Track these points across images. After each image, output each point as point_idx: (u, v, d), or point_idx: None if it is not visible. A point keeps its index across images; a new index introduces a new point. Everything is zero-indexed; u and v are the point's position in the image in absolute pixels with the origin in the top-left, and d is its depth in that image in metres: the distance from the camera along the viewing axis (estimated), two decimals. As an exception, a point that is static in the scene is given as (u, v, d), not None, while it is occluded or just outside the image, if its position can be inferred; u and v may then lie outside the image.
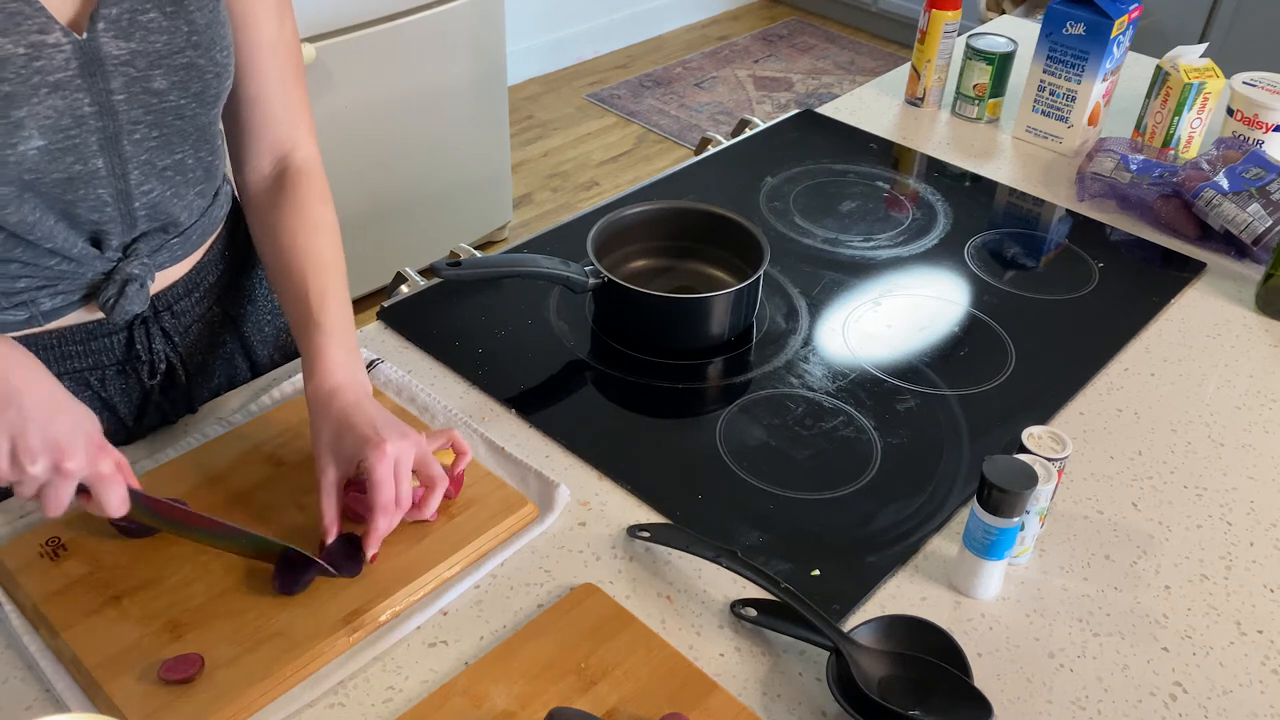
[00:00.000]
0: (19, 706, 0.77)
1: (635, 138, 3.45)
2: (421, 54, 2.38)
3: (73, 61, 0.77)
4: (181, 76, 0.84)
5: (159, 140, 0.86)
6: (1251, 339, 1.19)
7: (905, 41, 4.04)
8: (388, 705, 0.78)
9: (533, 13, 3.62)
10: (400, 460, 0.83)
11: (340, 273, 0.94)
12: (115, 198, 0.85)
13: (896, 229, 1.36)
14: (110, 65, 0.80)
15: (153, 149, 0.86)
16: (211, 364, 1.05)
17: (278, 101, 0.95)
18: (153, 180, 0.87)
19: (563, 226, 1.34)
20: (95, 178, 0.83)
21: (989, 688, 0.79)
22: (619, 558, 0.90)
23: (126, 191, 0.86)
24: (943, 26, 1.57)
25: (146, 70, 0.82)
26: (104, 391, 0.96)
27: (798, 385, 1.09)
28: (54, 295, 0.88)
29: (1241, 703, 0.81)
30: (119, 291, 0.89)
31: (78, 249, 0.86)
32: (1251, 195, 1.29)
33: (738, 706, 0.77)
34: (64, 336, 0.91)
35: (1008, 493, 0.81)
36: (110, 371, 0.96)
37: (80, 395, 0.94)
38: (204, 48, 0.85)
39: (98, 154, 0.82)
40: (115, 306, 0.89)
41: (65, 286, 0.89)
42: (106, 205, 0.85)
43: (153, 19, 0.81)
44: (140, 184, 0.87)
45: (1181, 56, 1.45)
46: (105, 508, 0.79)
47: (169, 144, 0.87)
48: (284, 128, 0.97)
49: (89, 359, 0.94)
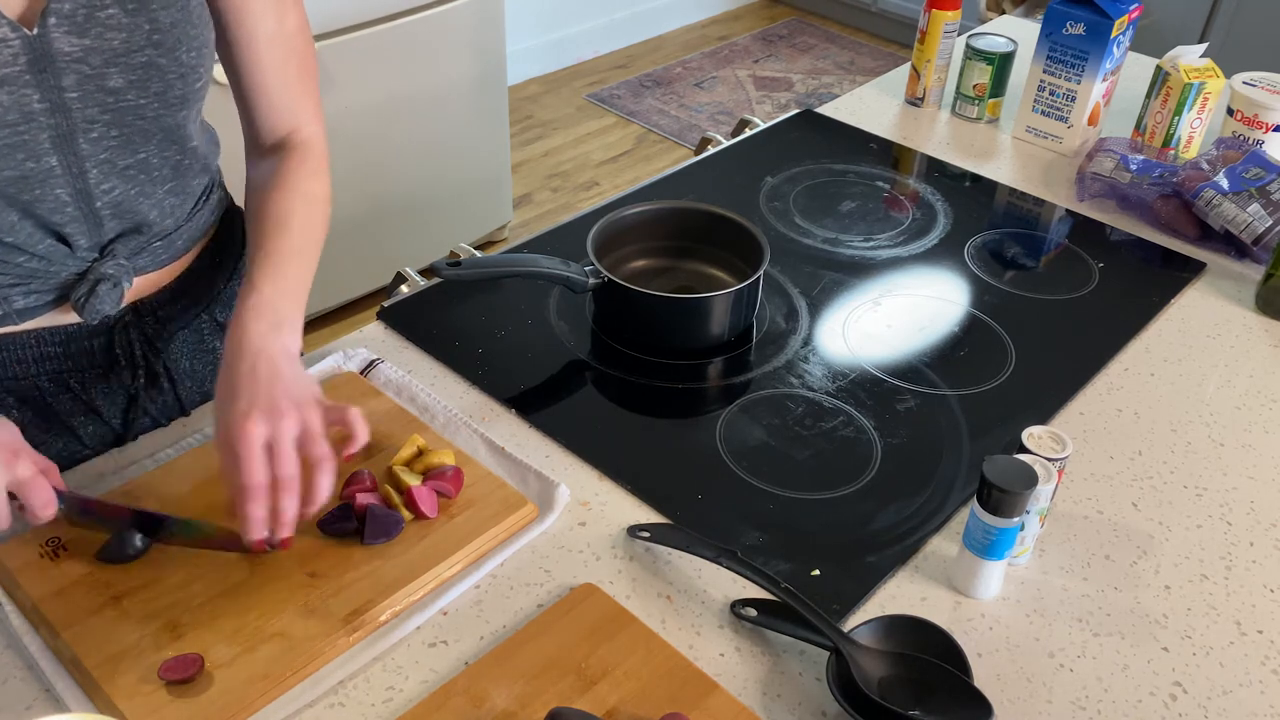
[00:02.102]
0: (19, 706, 0.77)
1: (635, 138, 3.45)
2: (421, 54, 2.38)
3: (21, 57, 0.75)
4: (140, 76, 0.81)
5: (119, 139, 0.84)
6: (1251, 339, 1.19)
7: (905, 41, 4.04)
8: (388, 705, 0.78)
9: (533, 13, 3.62)
10: (278, 439, 0.78)
11: (307, 238, 0.91)
12: (75, 197, 0.84)
13: (896, 229, 1.36)
14: (62, 62, 0.77)
15: (112, 148, 0.84)
16: (202, 369, 1.04)
17: (277, 95, 0.95)
18: (113, 179, 0.85)
19: (563, 226, 1.34)
20: (50, 176, 0.81)
21: (989, 688, 0.79)
22: (619, 558, 0.90)
23: (86, 190, 0.84)
24: (943, 26, 1.57)
25: (101, 68, 0.79)
26: (85, 395, 0.95)
27: (798, 385, 1.09)
28: (27, 294, 0.87)
29: (1241, 703, 0.81)
30: (90, 290, 0.88)
31: (44, 246, 0.85)
32: (1251, 195, 1.29)
33: (738, 706, 0.77)
34: (42, 338, 0.91)
35: (1008, 493, 0.81)
36: (91, 375, 0.95)
37: (61, 398, 0.94)
38: (166, 47, 0.82)
39: (50, 152, 0.80)
40: (86, 305, 0.88)
41: (38, 285, 0.88)
42: (66, 205, 0.83)
43: (112, 15, 0.78)
44: (100, 183, 0.85)
45: (1181, 56, 1.45)
46: (31, 511, 0.78)
47: (130, 143, 0.85)
48: (285, 113, 0.96)
49: (68, 361, 0.93)
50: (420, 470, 0.93)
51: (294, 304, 0.86)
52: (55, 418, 0.94)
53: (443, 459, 0.93)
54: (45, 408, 0.94)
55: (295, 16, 0.95)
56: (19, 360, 0.90)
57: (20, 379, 0.91)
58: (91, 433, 0.97)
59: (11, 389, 0.91)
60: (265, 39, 0.92)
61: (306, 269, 0.89)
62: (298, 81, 0.96)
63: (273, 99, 0.95)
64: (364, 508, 0.87)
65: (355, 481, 0.91)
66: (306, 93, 0.97)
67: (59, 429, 0.95)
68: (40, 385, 0.92)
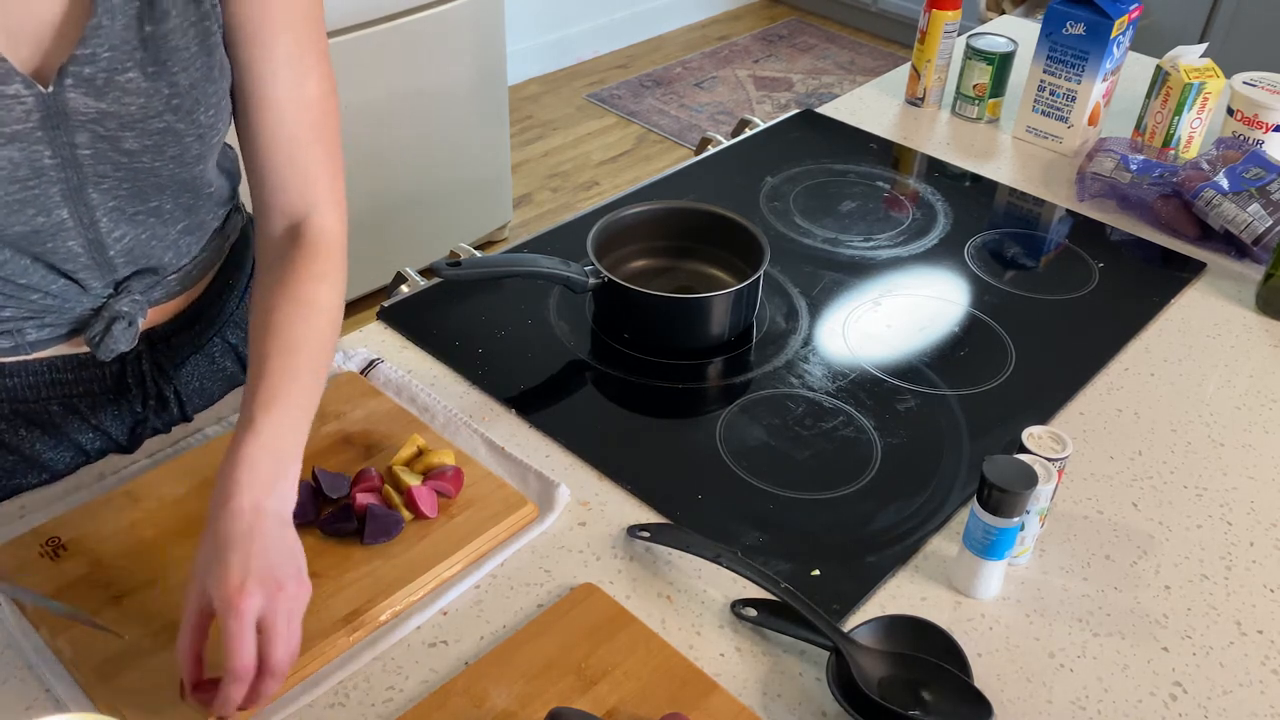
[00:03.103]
0: (19, 706, 0.77)
1: (635, 138, 3.45)
2: (421, 54, 2.38)
3: (34, 114, 0.73)
4: (156, 140, 0.79)
5: (130, 190, 0.81)
6: (1251, 339, 1.19)
7: (905, 41, 4.04)
8: (388, 705, 0.78)
9: (533, 13, 3.62)
10: (272, 616, 0.69)
11: (309, 356, 0.80)
12: (87, 248, 0.81)
13: (896, 229, 1.36)
14: (76, 120, 0.75)
15: (123, 197, 0.81)
16: (212, 387, 1.03)
17: (285, 172, 0.85)
18: (124, 225, 0.83)
19: (563, 226, 1.34)
20: (62, 229, 0.79)
21: (989, 688, 0.79)
22: (619, 558, 0.90)
23: (99, 240, 0.82)
24: (943, 26, 1.57)
25: (117, 131, 0.77)
26: (94, 418, 0.95)
27: (798, 385, 1.09)
28: (40, 327, 0.86)
29: (1241, 703, 0.81)
30: (105, 329, 0.86)
31: (57, 286, 0.83)
32: (1251, 195, 1.29)
33: (738, 706, 0.77)
34: (54, 365, 0.90)
35: (1008, 493, 0.81)
36: (101, 400, 0.94)
37: (70, 421, 0.93)
38: (184, 111, 0.79)
39: (61, 205, 0.77)
40: (101, 344, 0.86)
41: (52, 320, 0.86)
42: (79, 255, 0.81)
43: (131, 79, 0.75)
44: (111, 230, 0.82)
45: (1181, 56, 1.45)
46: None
47: (142, 194, 0.82)
48: (293, 193, 0.86)
49: (79, 386, 0.92)
50: (420, 470, 0.93)
51: (294, 443, 0.76)
52: (63, 436, 0.94)
53: (443, 459, 0.93)
54: (54, 428, 0.93)
55: (317, 83, 0.84)
56: (31, 386, 0.89)
57: (32, 402, 0.90)
58: (98, 449, 0.97)
59: (22, 411, 0.91)
60: (276, 104, 0.83)
61: (308, 394, 0.79)
62: (311, 160, 0.85)
63: (281, 176, 0.85)
64: (364, 508, 0.87)
65: (363, 480, 0.90)
66: (322, 174, 0.86)
67: (66, 444, 0.95)
68: (50, 409, 0.92)
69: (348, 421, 0.99)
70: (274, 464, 0.74)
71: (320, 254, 0.85)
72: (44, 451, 0.93)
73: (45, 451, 0.93)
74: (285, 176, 0.85)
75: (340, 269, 0.86)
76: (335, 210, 0.88)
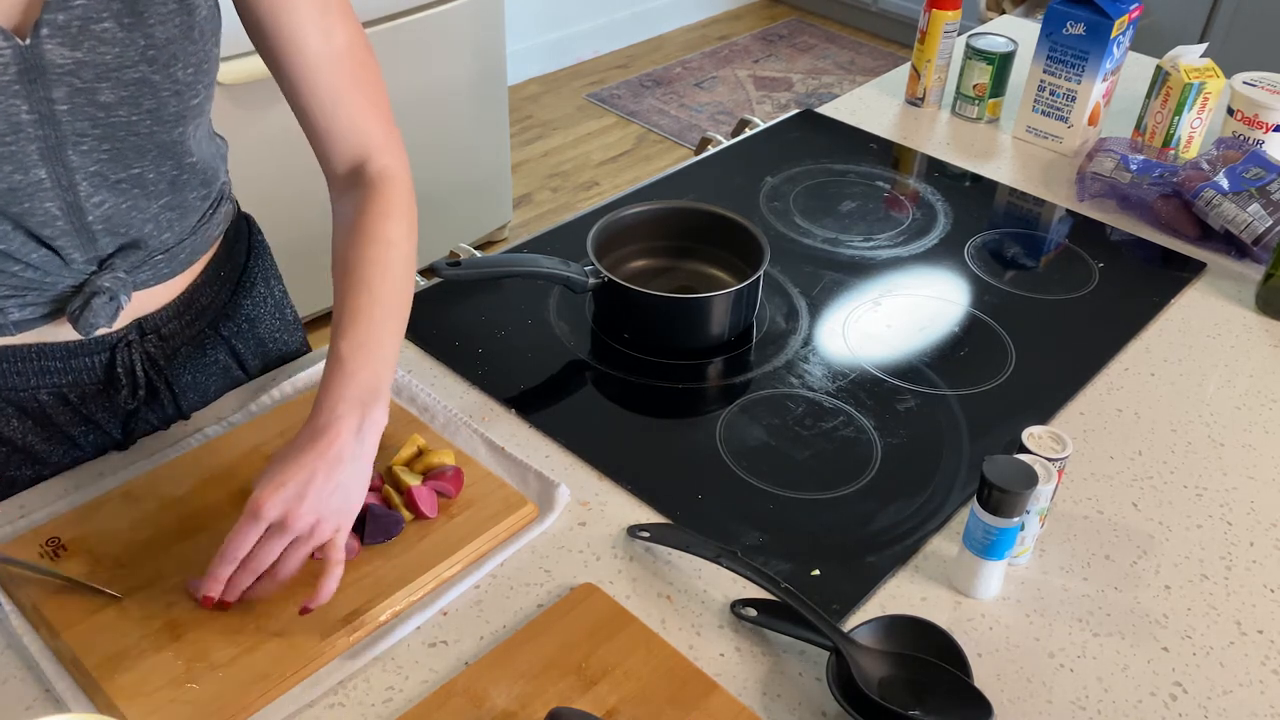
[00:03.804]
0: (19, 706, 0.77)
1: (635, 138, 3.45)
2: (421, 54, 2.38)
3: (11, 67, 0.73)
4: (132, 92, 0.79)
5: (110, 153, 0.81)
6: (1251, 339, 1.19)
7: (905, 41, 4.04)
8: (388, 705, 0.78)
9: (533, 13, 3.62)
10: (277, 533, 0.77)
11: (387, 289, 0.86)
12: (65, 211, 0.81)
13: (896, 229, 1.36)
14: (53, 74, 0.75)
15: (103, 161, 0.81)
16: (205, 381, 1.03)
17: (334, 120, 0.90)
18: (104, 192, 0.83)
19: (563, 226, 1.34)
20: (39, 189, 0.79)
21: (989, 688, 0.79)
22: (619, 558, 0.90)
23: (77, 204, 0.82)
24: (943, 26, 1.57)
25: (93, 82, 0.77)
26: (84, 409, 0.94)
27: (798, 385, 1.09)
28: (22, 305, 0.86)
29: (1241, 703, 0.81)
30: (84, 304, 0.86)
31: (37, 257, 0.83)
32: (1251, 195, 1.29)
33: (738, 706, 0.77)
34: (43, 352, 0.89)
35: (1008, 493, 0.81)
36: (90, 390, 0.94)
37: (60, 411, 0.93)
38: (161, 64, 0.79)
39: (39, 164, 0.78)
40: (80, 319, 0.86)
41: (33, 297, 0.86)
42: (57, 219, 0.81)
43: (106, 29, 0.76)
44: (90, 195, 0.82)
45: (1181, 56, 1.45)
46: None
47: (122, 157, 0.82)
48: (346, 142, 0.91)
49: (68, 376, 0.91)
50: (420, 470, 0.93)
51: (382, 372, 0.82)
52: (55, 428, 0.94)
53: (443, 459, 0.93)
54: (45, 418, 0.93)
55: (344, 32, 0.89)
56: (19, 373, 0.89)
57: (20, 390, 0.90)
58: (91, 441, 0.97)
59: (12, 400, 0.90)
60: (312, 61, 0.87)
61: (391, 325, 0.85)
62: (355, 104, 0.90)
63: (331, 126, 0.90)
64: (364, 507, 0.87)
65: None
66: (370, 116, 0.91)
67: (59, 438, 0.95)
68: (39, 399, 0.91)
69: (348, 421, 0.99)
70: (359, 389, 0.80)
71: (383, 193, 0.90)
72: (36, 443, 0.93)
73: (37, 444, 0.93)
74: (334, 128, 0.90)
75: (405, 205, 0.91)
76: (391, 151, 0.92)
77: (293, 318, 1.13)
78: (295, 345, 1.13)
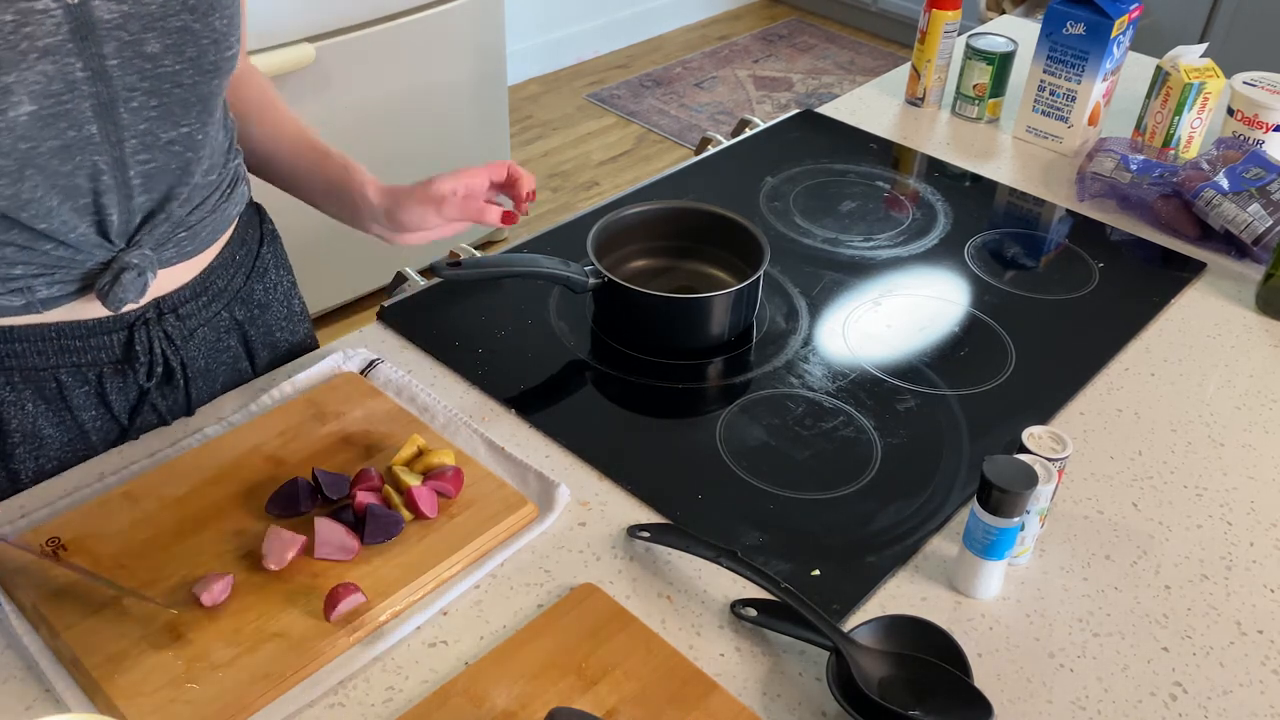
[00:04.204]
0: (19, 706, 0.77)
1: (635, 138, 3.45)
2: (421, 54, 2.38)
3: (63, 26, 0.76)
4: (175, 40, 0.83)
5: (159, 110, 0.85)
6: (1251, 339, 1.19)
7: (905, 41, 4.04)
8: (388, 705, 0.78)
9: (533, 13, 3.62)
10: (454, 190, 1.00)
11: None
12: (110, 166, 0.85)
13: (896, 229, 1.36)
14: (102, 30, 0.78)
15: (152, 119, 0.85)
16: (215, 369, 1.05)
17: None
18: (147, 151, 0.87)
19: (563, 226, 1.34)
20: (89, 144, 0.82)
21: (989, 688, 0.79)
22: (619, 558, 0.90)
23: (122, 160, 0.85)
24: (943, 26, 1.57)
25: (140, 34, 0.80)
26: (100, 388, 0.96)
27: (798, 385, 1.09)
28: (51, 284, 0.88)
29: (1242, 703, 0.81)
30: (114, 279, 0.89)
31: (76, 234, 0.86)
32: (1251, 195, 1.29)
33: (738, 706, 0.77)
34: (63, 330, 0.91)
35: (1008, 493, 0.81)
36: (108, 369, 0.96)
37: (77, 390, 0.94)
38: (200, 12, 0.84)
39: (91, 120, 0.81)
40: (110, 294, 0.89)
41: (62, 276, 0.88)
42: (103, 174, 0.84)
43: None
44: (136, 153, 0.86)
45: (1181, 56, 1.45)
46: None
47: (170, 114, 0.86)
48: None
49: (88, 355, 0.94)
50: (420, 470, 0.93)
51: None
52: (68, 411, 0.95)
53: (443, 459, 0.93)
54: (61, 400, 0.94)
55: None
56: (39, 352, 0.91)
57: (41, 369, 0.92)
58: (98, 427, 0.98)
59: (31, 379, 0.92)
60: None
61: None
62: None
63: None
64: (364, 507, 0.87)
65: (363, 480, 0.90)
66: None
67: (67, 423, 0.95)
68: (59, 378, 0.93)
69: (348, 421, 0.99)
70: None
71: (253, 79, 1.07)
72: (45, 430, 0.94)
73: (46, 427, 0.94)
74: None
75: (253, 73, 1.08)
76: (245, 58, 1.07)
77: (301, 310, 1.15)
78: (302, 336, 1.15)
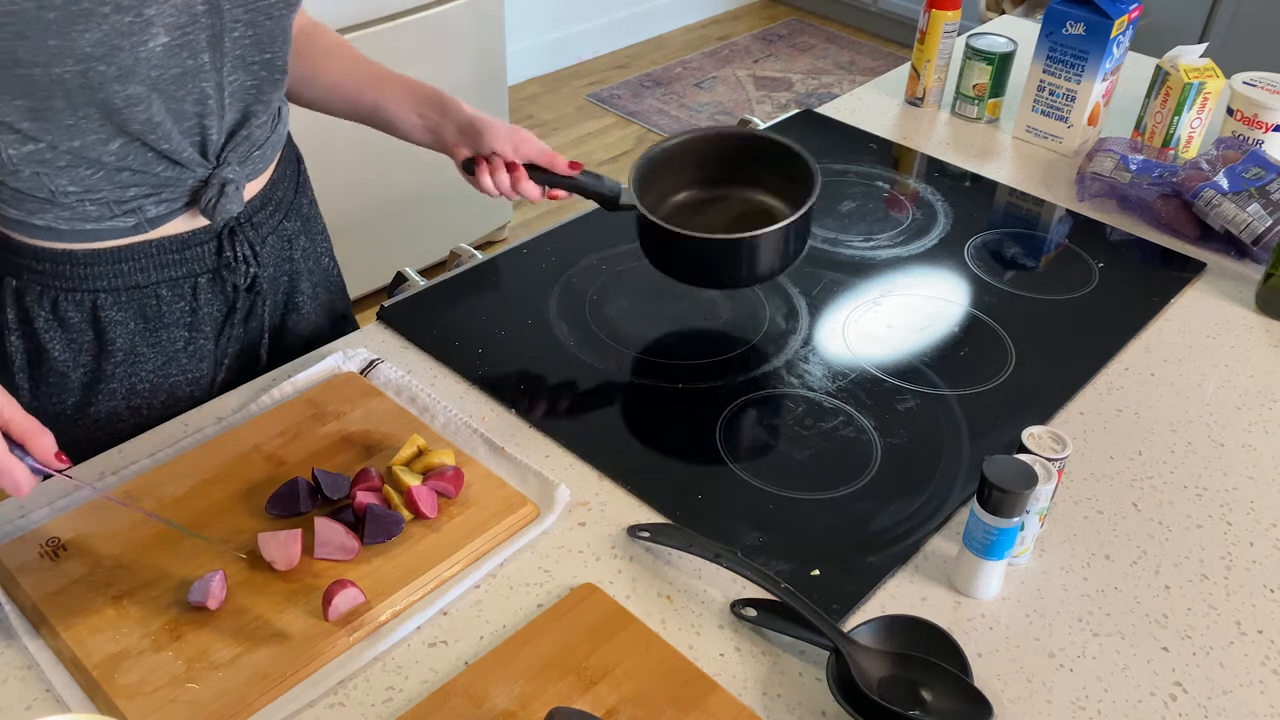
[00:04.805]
0: (19, 706, 0.77)
1: (635, 138, 3.45)
2: (421, 54, 2.38)
3: None
4: None
5: (252, 39, 0.93)
6: (1251, 339, 1.19)
7: (905, 41, 4.04)
8: (388, 705, 0.78)
9: (533, 13, 3.62)
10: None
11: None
12: (215, 90, 0.93)
13: (896, 229, 1.36)
14: None
15: (246, 46, 0.93)
16: (280, 279, 1.12)
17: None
18: (240, 72, 0.95)
19: (563, 226, 1.34)
20: (201, 70, 0.90)
21: (989, 688, 0.79)
22: (619, 558, 0.90)
23: (220, 84, 0.93)
24: (943, 26, 1.57)
25: None
26: (194, 302, 1.03)
27: (798, 385, 1.09)
28: (159, 202, 0.96)
29: (1242, 703, 0.81)
30: (218, 194, 0.97)
31: (185, 154, 0.94)
32: (1251, 195, 1.29)
33: (738, 706, 0.77)
34: (162, 245, 0.99)
35: (1008, 493, 0.81)
36: (204, 280, 1.03)
37: (177, 304, 1.03)
38: None
39: (205, 49, 0.89)
40: (216, 208, 0.97)
41: (169, 194, 0.96)
42: (209, 98, 0.93)
43: None
44: (231, 75, 0.94)
45: (1181, 56, 1.45)
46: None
47: (259, 42, 0.94)
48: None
49: (184, 267, 1.01)
50: (420, 470, 0.93)
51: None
52: (162, 328, 1.02)
53: (443, 459, 0.93)
54: (157, 317, 1.02)
55: None
56: (142, 269, 0.99)
57: (143, 286, 1.00)
58: (190, 351, 1.05)
59: (134, 298, 1.00)
60: None
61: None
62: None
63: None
64: (364, 507, 0.87)
65: (363, 480, 0.90)
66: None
67: (163, 343, 1.03)
68: (160, 293, 1.01)
69: (348, 421, 0.99)
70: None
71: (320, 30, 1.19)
72: (141, 346, 1.02)
73: (142, 346, 1.02)
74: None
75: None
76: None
77: (324, 229, 1.23)
78: (331, 256, 1.23)
